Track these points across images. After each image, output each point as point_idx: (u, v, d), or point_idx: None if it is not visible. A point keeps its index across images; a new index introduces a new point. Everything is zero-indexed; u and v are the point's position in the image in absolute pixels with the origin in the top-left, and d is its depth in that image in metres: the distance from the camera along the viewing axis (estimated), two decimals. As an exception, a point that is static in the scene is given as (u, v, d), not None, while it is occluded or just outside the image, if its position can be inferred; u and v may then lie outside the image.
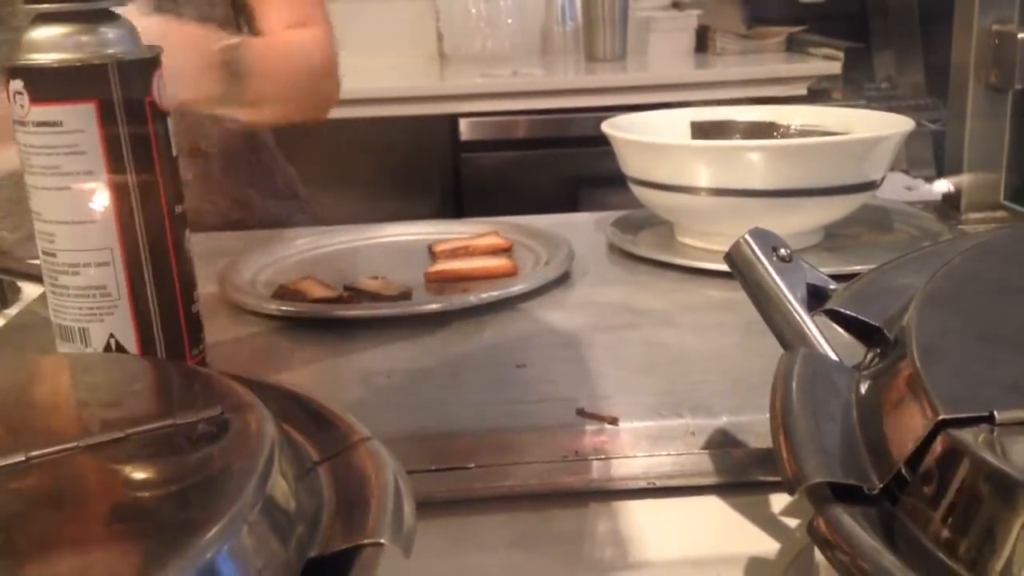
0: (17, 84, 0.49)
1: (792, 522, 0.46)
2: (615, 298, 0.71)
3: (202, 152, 1.09)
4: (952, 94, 0.86)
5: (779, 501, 0.47)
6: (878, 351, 0.39)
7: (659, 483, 0.49)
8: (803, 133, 0.87)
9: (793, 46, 2.36)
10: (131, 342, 0.52)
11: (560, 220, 0.95)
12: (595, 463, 0.49)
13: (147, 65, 0.51)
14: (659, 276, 0.75)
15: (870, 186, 0.77)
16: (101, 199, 0.50)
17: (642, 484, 0.49)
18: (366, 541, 0.29)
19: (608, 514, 0.48)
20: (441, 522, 0.47)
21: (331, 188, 2.61)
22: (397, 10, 2.52)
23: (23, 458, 0.30)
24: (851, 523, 0.30)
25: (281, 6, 1.07)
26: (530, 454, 0.49)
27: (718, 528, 0.47)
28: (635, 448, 0.49)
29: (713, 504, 0.48)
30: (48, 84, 0.49)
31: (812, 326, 0.42)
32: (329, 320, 0.67)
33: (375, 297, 0.70)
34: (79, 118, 0.49)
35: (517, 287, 0.70)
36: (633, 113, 0.91)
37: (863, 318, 0.41)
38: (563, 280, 0.75)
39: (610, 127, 0.83)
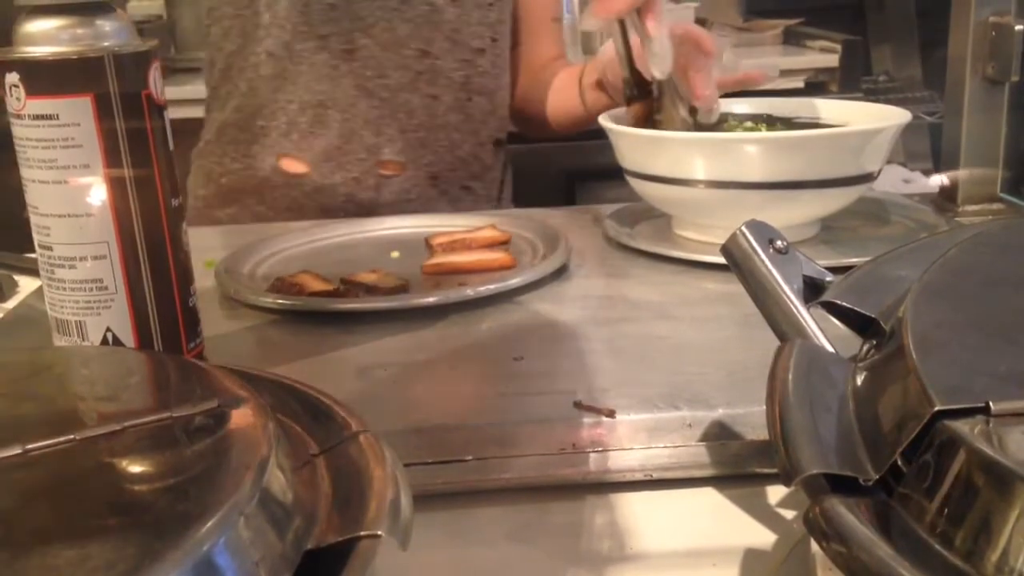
0: (13, 77, 0.49)
1: (789, 513, 0.46)
2: (612, 291, 0.71)
3: None
4: (949, 87, 0.86)
5: (776, 493, 0.48)
6: (874, 343, 0.40)
7: (656, 475, 0.49)
8: (800, 125, 0.87)
9: (790, 39, 2.35)
10: (128, 335, 0.52)
11: (557, 213, 0.96)
12: (592, 455, 0.49)
13: (143, 58, 0.51)
14: (656, 269, 0.75)
15: (867, 178, 0.77)
16: (97, 192, 0.50)
17: (639, 476, 0.49)
18: (363, 533, 0.29)
19: (605, 506, 0.48)
20: (438, 515, 0.47)
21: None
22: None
23: (20, 450, 0.30)
24: (847, 514, 0.30)
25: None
26: (527, 447, 0.49)
27: (715, 520, 0.47)
28: (632, 440, 0.49)
29: (710, 496, 0.48)
30: (44, 77, 0.49)
31: (808, 318, 0.42)
32: (326, 313, 0.67)
33: (372, 290, 0.70)
34: (75, 111, 0.49)
35: (514, 280, 0.70)
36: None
37: (859, 310, 0.41)
38: (560, 273, 0.75)
39: (607, 120, 0.83)
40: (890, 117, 0.80)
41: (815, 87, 2.08)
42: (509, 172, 1.23)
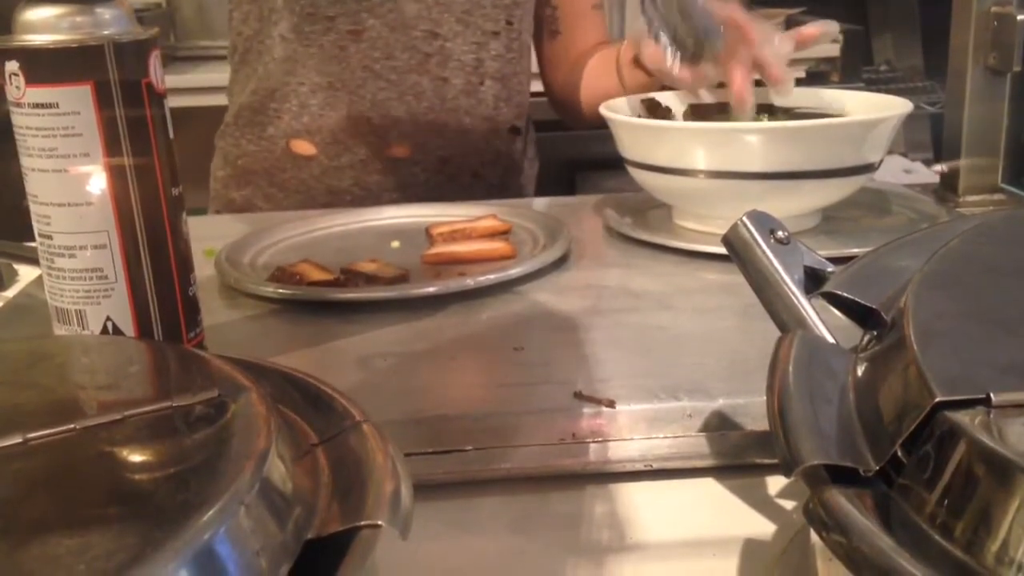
0: (12, 65, 0.49)
1: (788, 504, 0.46)
2: (613, 281, 0.71)
3: None
4: (951, 77, 0.86)
5: (776, 483, 0.48)
6: (875, 333, 0.39)
7: (656, 465, 0.49)
8: (801, 115, 0.86)
9: (791, 28, 2.35)
10: (128, 324, 0.52)
11: (558, 203, 0.95)
12: (592, 446, 0.49)
13: (143, 46, 0.51)
14: (657, 259, 0.75)
15: (868, 168, 0.77)
16: (97, 181, 0.50)
17: (639, 466, 0.49)
18: (364, 523, 0.29)
19: (605, 496, 0.48)
20: (438, 504, 0.47)
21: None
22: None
23: (21, 440, 0.30)
24: (847, 505, 0.30)
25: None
26: (528, 437, 0.49)
27: (715, 510, 0.47)
28: (632, 431, 0.49)
29: (710, 486, 0.49)
30: (44, 65, 0.49)
31: (809, 309, 0.42)
32: (326, 303, 0.67)
33: (372, 280, 0.70)
34: (75, 100, 0.49)
35: (515, 270, 0.70)
36: (631, 95, 0.91)
37: (860, 300, 0.41)
38: (561, 263, 0.75)
39: (608, 110, 0.83)
40: (891, 107, 0.80)
41: (816, 77, 2.08)
42: (535, 166, 1.22)
